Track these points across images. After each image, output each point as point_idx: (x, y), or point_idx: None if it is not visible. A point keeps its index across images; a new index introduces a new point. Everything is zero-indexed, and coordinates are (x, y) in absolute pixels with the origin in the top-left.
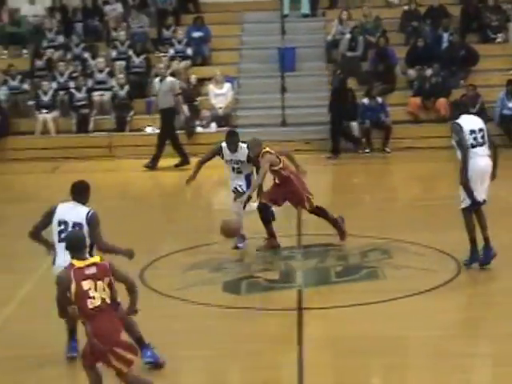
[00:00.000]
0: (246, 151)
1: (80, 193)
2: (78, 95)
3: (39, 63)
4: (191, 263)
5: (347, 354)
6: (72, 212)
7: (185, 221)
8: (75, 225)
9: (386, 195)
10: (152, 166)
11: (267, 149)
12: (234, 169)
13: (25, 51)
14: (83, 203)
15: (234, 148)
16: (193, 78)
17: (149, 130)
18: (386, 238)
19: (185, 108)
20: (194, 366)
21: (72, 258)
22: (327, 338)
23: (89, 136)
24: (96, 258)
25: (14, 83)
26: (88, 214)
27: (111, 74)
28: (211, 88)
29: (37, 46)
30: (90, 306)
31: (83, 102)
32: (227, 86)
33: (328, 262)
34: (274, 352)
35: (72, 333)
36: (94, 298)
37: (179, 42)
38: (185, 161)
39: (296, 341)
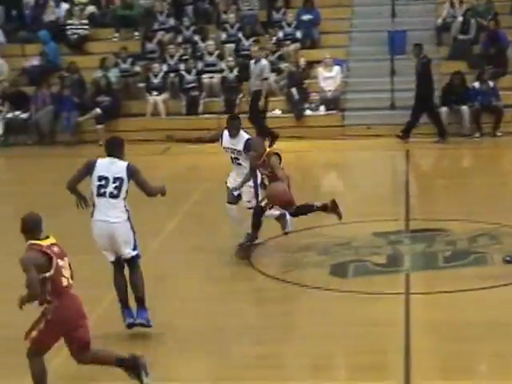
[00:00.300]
0: (244, 141)
1: (114, 148)
2: (188, 77)
3: (150, 46)
4: (299, 246)
5: (453, 340)
6: (112, 167)
7: None
8: (116, 180)
9: (496, 180)
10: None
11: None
12: (232, 160)
13: (136, 34)
14: (119, 158)
15: (234, 133)
16: (302, 61)
17: None
18: (495, 223)
19: (294, 91)
20: (298, 348)
21: (30, 239)
22: (434, 323)
23: (198, 118)
24: (53, 239)
25: (125, 66)
26: (128, 166)
27: (221, 57)
28: (320, 71)
29: (148, 28)
30: (64, 284)
31: (193, 85)
32: (336, 68)
33: (436, 246)
34: (380, 336)
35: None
36: (65, 276)
37: (289, 25)
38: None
39: (402, 325)
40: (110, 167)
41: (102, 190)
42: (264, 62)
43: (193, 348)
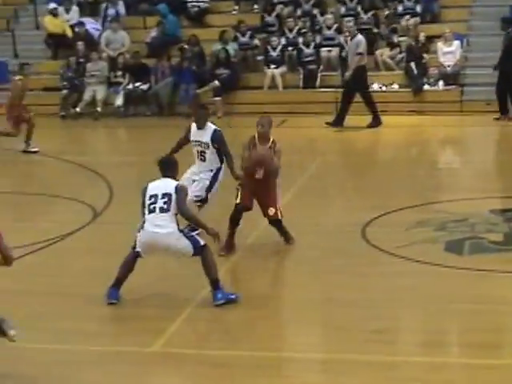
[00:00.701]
0: (211, 132)
1: (167, 168)
2: (306, 51)
3: (269, 19)
4: (415, 221)
5: None
6: (162, 185)
7: (409, 178)
8: (164, 195)
9: None
10: (335, 124)
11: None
12: (197, 154)
13: (255, 7)
14: (172, 177)
15: (202, 123)
16: (421, 36)
17: (375, 86)
18: None
19: (412, 65)
20: (411, 324)
21: None
22: None
23: (315, 91)
24: None
25: (244, 39)
26: (178, 185)
27: (339, 31)
28: (440, 46)
29: (267, 1)
30: None
31: (311, 58)
32: (456, 43)
33: None
34: (494, 314)
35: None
36: None
37: None
38: (375, 122)
39: None
40: (160, 186)
41: (152, 206)
42: (360, 36)
43: (307, 319)
